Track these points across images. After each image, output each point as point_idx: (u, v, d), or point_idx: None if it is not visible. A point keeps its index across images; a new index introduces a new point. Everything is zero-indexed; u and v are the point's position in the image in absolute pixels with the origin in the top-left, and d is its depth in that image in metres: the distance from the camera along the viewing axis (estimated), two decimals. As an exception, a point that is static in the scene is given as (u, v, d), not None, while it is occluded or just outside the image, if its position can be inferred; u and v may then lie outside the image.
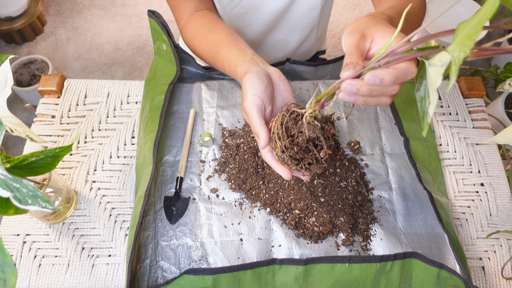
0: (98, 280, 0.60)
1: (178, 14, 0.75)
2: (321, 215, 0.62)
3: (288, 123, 0.50)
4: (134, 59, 1.90)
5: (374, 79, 0.41)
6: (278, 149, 0.51)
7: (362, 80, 0.42)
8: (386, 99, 0.45)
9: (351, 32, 0.47)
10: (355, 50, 0.45)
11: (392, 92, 0.44)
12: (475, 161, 0.72)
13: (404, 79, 0.42)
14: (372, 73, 0.41)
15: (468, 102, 0.79)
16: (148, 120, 0.70)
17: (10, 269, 0.37)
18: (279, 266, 0.59)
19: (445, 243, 0.62)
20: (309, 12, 0.82)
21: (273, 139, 0.52)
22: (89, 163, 0.70)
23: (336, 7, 2.06)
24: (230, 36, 0.67)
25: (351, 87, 0.43)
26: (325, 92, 0.48)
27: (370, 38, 0.47)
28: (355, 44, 0.45)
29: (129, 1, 2.08)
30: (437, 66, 0.36)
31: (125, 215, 0.66)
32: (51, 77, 0.78)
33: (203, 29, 0.71)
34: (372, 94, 0.43)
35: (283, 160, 0.51)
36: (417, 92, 0.44)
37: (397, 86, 0.44)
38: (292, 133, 0.50)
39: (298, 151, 0.50)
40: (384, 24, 0.48)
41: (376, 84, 0.42)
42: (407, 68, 0.42)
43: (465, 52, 0.33)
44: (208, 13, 0.74)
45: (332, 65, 0.80)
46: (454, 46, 0.34)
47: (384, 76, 0.41)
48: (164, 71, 0.76)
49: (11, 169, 0.49)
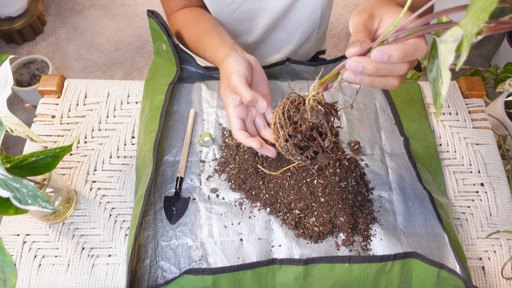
0: (98, 280, 0.60)
1: (167, 10, 0.81)
2: (321, 215, 0.62)
3: (290, 111, 0.48)
4: (134, 59, 1.90)
5: (382, 55, 0.39)
6: (281, 139, 0.49)
7: (369, 58, 0.40)
8: (394, 80, 0.43)
9: (359, 12, 0.45)
10: (362, 28, 0.43)
11: (400, 72, 0.42)
12: (475, 161, 0.72)
13: (413, 56, 0.40)
14: (379, 48, 0.39)
15: (468, 102, 0.78)
16: (148, 120, 0.70)
17: (10, 269, 0.36)
18: (279, 266, 0.59)
19: (445, 243, 0.62)
20: (310, 14, 0.82)
21: (275, 130, 0.50)
22: (89, 163, 0.70)
23: (336, 7, 2.06)
24: (214, 27, 0.71)
25: (357, 64, 0.40)
26: (329, 74, 0.45)
27: (379, 18, 0.45)
28: (363, 23, 0.43)
29: (129, 1, 2.08)
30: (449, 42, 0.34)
31: (125, 215, 0.66)
32: (51, 77, 0.78)
33: (190, 20, 0.75)
34: (379, 73, 0.41)
35: (287, 151, 0.49)
36: (429, 73, 0.42)
37: (405, 64, 0.41)
38: (295, 120, 0.48)
39: (302, 138, 0.48)
40: (393, 5, 0.46)
41: (384, 61, 0.39)
42: (417, 44, 0.39)
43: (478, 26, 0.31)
44: (196, 8, 0.78)
45: (332, 65, 0.80)
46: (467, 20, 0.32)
47: (392, 52, 0.39)
48: (164, 71, 0.76)
49: (11, 169, 0.49)
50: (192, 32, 0.73)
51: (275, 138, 0.51)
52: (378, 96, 0.78)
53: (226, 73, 0.58)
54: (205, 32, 0.70)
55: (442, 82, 0.36)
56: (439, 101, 0.38)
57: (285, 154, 0.51)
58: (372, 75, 0.41)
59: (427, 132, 0.73)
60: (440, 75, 0.37)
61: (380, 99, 0.77)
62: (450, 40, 0.34)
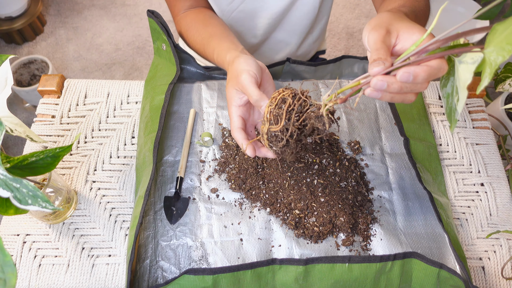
0: (98, 280, 0.60)
1: (173, 10, 0.79)
2: (321, 215, 0.62)
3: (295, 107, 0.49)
4: (134, 59, 1.90)
5: (408, 76, 0.40)
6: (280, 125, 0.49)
7: (394, 77, 0.41)
8: (412, 96, 0.44)
9: (375, 27, 0.46)
10: (381, 45, 0.44)
11: (421, 90, 0.43)
12: (475, 161, 0.72)
13: (435, 76, 0.41)
14: (406, 70, 0.40)
15: (468, 102, 0.78)
16: (148, 120, 0.70)
17: (10, 269, 0.36)
18: (279, 266, 0.59)
19: (445, 243, 0.62)
20: (308, 13, 0.82)
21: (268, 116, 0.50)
22: (89, 163, 0.70)
23: (336, 7, 2.06)
24: (223, 31, 0.70)
25: (382, 83, 0.41)
26: (348, 86, 0.46)
27: (395, 34, 0.46)
28: (381, 39, 0.44)
29: (129, 1, 2.08)
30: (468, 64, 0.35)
31: (125, 215, 0.66)
32: (51, 77, 0.78)
33: (198, 22, 0.74)
34: (402, 91, 0.42)
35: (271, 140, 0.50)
36: (443, 88, 0.43)
37: (426, 83, 0.43)
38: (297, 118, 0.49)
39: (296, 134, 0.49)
40: (408, 20, 0.47)
41: (409, 82, 0.41)
42: (440, 66, 0.41)
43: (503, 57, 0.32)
44: (204, 9, 0.77)
45: (332, 65, 0.80)
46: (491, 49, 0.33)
47: (418, 74, 0.40)
48: (164, 71, 0.76)
49: (11, 169, 0.49)
50: (200, 34, 0.72)
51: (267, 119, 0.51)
52: (378, 96, 0.78)
53: (235, 72, 0.57)
54: (215, 35, 0.69)
55: (458, 99, 0.38)
56: (454, 116, 0.39)
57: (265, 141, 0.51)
58: (395, 92, 0.43)
59: (427, 132, 0.73)
60: (456, 93, 0.39)
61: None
62: (470, 62, 0.35)
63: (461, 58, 0.37)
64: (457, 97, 0.38)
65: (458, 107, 0.38)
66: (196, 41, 0.73)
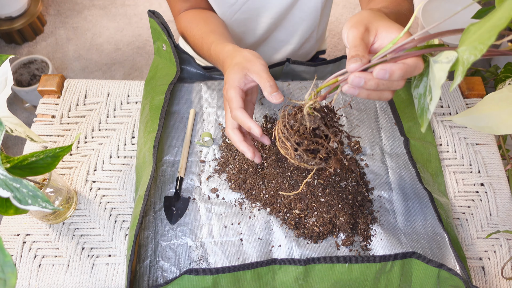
0: (98, 280, 0.60)
1: (174, 10, 0.80)
2: (321, 215, 0.62)
3: (290, 122, 0.50)
4: (134, 59, 1.90)
5: (384, 73, 0.41)
6: (291, 150, 0.49)
7: (370, 74, 0.42)
8: (388, 94, 0.45)
9: (355, 25, 0.46)
10: (360, 42, 0.44)
11: (397, 87, 0.44)
12: (475, 161, 0.72)
13: (411, 74, 0.42)
14: (382, 67, 0.41)
15: (468, 102, 0.78)
16: (148, 120, 0.70)
17: (10, 269, 0.37)
18: (279, 266, 0.59)
19: (445, 243, 0.62)
20: (310, 14, 0.82)
21: (281, 144, 0.51)
22: (89, 163, 0.70)
23: (336, 7, 2.06)
24: (223, 30, 0.72)
25: (359, 80, 0.42)
26: (326, 83, 0.46)
27: (374, 32, 0.46)
28: (360, 36, 0.45)
29: (129, 1, 2.08)
30: (443, 63, 0.36)
31: (125, 215, 0.66)
32: (51, 77, 0.78)
33: (199, 19, 0.75)
34: (379, 88, 0.43)
35: (301, 160, 0.50)
36: (415, 89, 0.44)
37: (403, 81, 0.43)
38: (295, 129, 0.49)
39: (309, 143, 0.49)
40: (387, 19, 0.48)
41: (385, 79, 0.41)
42: (416, 64, 0.41)
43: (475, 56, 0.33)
44: (203, 10, 0.78)
45: (332, 65, 0.80)
46: (464, 48, 0.34)
47: (394, 71, 0.41)
48: (164, 71, 0.76)
49: (11, 169, 0.49)
50: (197, 33, 0.73)
51: (284, 152, 0.51)
52: (378, 96, 0.78)
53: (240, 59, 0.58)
54: (210, 34, 0.70)
55: (431, 98, 0.38)
56: (425, 116, 0.39)
57: (300, 163, 0.51)
58: (372, 89, 0.43)
59: (427, 132, 0.73)
60: (429, 92, 0.39)
61: (380, 99, 0.77)
62: (445, 61, 0.36)
63: (436, 57, 0.38)
64: (430, 97, 0.39)
65: (431, 106, 0.38)
66: (194, 40, 0.74)
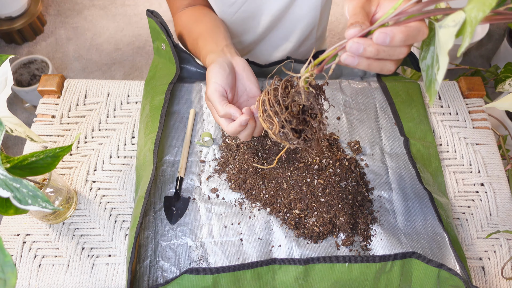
0: (98, 280, 0.60)
1: (172, 9, 0.80)
2: (321, 215, 0.62)
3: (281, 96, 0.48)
4: (134, 59, 1.90)
5: (384, 37, 0.38)
6: (276, 127, 0.47)
7: (370, 40, 0.39)
8: (391, 64, 0.43)
9: None
10: (360, 11, 0.42)
11: (400, 56, 0.41)
12: (475, 161, 0.72)
13: (415, 39, 0.39)
14: (382, 30, 0.38)
15: (468, 102, 0.78)
16: (148, 120, 0.70)
17: (10, 269, 0.37)
18: (279, 266, 0.59)
19: (445, 243, 0.62)
20: (310, 12, 0.82)
21: (266, 118, 0.49)
22: (89, 163, 0.70)
23: (336, 7, 2.06)
24: (211, 29, 0.71)
25: (358, 45, 0.39)
26: (325, 54, 0.44)
27: (376, 2, 0.44)
28: (361, 5, 0.43)
29: (129, 1, 2.08)
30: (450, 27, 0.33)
31: (125, 215, 0.66)
32: (51, 77, 0.78)
33: (190, 22, 0.75)
34: (379, 55, 0.40)
35: (283, 137, 0.48)
36: (422, 61, 0.41)
37: (405, 48, 0.40)
38: (285, 104, 0.47)
39: (297, 123, 0.48)
40: None
41: (386, 44, 0.39)
42: (419, 27, 0.39)
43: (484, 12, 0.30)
44: (199, 7, 0.78)
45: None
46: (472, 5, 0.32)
47: (395, 34, 0.38)
48: (164, 71, 0.76)
49: (11, 169, 0.49)
50: (191, 35, 0.73)
51: (267, 126, 0.49)
52: (378, 96, 0.78)
53: (206, 82, 0.59)
54: (201, 35, 0.70)
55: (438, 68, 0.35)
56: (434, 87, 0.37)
57: (281, 140, 0.49)
58: (371, 58, 0.41)
59: (427, 132, 0.73)
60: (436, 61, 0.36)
61: (380, 99, 0.77)
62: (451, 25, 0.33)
63: (441, 22, 0.35)
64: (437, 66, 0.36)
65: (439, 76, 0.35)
66: (189, 41, 0.75)
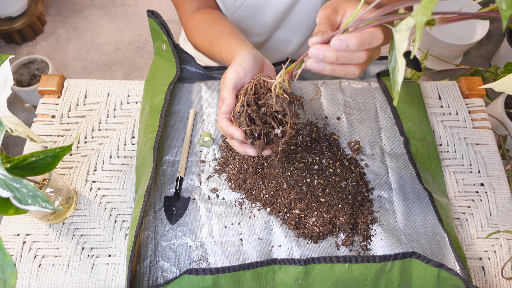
0: (98, 280, 0.60)
1: (180, 11, 0.78)
2: (321, 215, 0.62)
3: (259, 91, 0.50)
4: (134, 59, 1.90)
5: (340, 43, 0.42)
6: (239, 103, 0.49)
7: (329, 46, 0.43)
8: (354, 68, 0.46)
9: (324, 7, 0.48)
10: (325, 21, 0.46)
11: (360, 60, 0.44)
12: (475, 161, 0.72)
13: (370, 44, 0.43)
14: (338, 37, 0.42)
15: (468, 102, 0.78)
16: (148, 120, 0.70)
17: (10, 269, 0.37)
18: (279, 266, 0.59)
19: (445, 243, 0.62)
20: (311, 12, 0.82)
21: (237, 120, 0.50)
22: (89, 163, 0.70)
23: (336, 7, 2.06)
24: (232, 30, 0.70)
25: (318, 52, 0.43)
26: (295, 63, 0.48)
27: (342, 13, 0.48)
28: (326, 16, 0.47)
29: (129, 1, 2.08)
30: (403, 31, 0.37)
31: (125, 215, 0.66)
32: (51, 77, 0.78)
33: (206, 22, 0.74)
34: (340, 60, 0.43)
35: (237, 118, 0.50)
36: (389, 64, 0.45)
37: (364, 52, 0.44)
38: (259, 103, 0.50)
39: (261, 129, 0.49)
40: (357, 1, 0.49)
41: (343, 49, 0.42)
42: (373, 33, 0.42)
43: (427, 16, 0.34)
44: (211, 10, 0.77)
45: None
46: (418, 11, 0.35)
47: (350, 40, 0.42)
48: (164, 71, 0.76)
49: (11, 169, 0.49)
50: (208, 34, 0.72)
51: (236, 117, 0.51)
52: (378, 96, 0.78)
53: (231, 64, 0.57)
54: (222, 34, 0.69)
55: (398, 69, 0.38)
56: (396, 88, 0.39)
57: (234, 121, 0.51)
58: (333, 63, 0.44)
59: (427, 132, 0.73)
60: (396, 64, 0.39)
61: (380, 99, 0.77)
62: (404, 29, 0.37)
63: (397, 27, 0.38)
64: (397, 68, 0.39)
65: (399, 77, 0.38)
66: (205, 42, 0.73)
